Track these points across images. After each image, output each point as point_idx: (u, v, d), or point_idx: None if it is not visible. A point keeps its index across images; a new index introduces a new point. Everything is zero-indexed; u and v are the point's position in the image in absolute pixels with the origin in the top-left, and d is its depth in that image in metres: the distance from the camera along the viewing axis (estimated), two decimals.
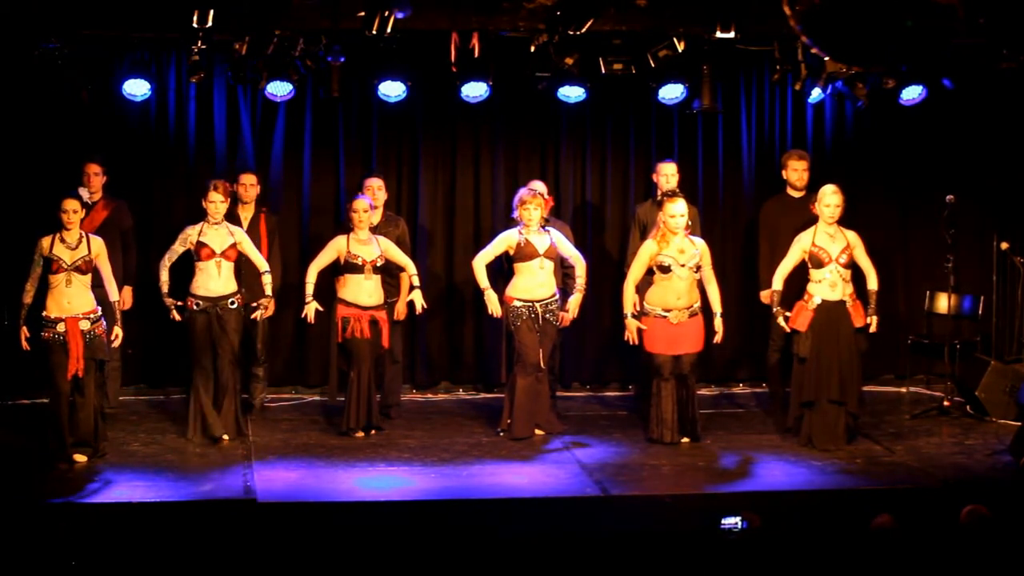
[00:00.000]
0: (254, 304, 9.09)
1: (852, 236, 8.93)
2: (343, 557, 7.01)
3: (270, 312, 9.39)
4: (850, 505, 7.71)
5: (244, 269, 9.19)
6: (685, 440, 8.98)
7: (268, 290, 9.07)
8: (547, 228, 9.14)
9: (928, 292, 10.79)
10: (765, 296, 9.83)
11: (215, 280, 8.85)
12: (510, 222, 9.26)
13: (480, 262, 9.17)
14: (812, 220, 9.66)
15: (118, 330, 8.53)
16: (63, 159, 9.81)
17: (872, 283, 8.96)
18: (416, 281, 9.19)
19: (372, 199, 9.53)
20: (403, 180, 10.70)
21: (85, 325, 8.30)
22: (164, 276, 8.88)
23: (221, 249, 8.86)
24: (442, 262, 10.73)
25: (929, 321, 10.76)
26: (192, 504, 7.52)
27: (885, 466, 8.48)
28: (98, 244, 8.48)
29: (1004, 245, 10.35)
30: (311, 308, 9.07)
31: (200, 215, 8.97)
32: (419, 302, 9.18)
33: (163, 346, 10.38)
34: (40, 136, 9.94)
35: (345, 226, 9.39)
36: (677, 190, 9.19)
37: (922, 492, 7.92)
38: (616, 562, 6.75)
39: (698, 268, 8.89)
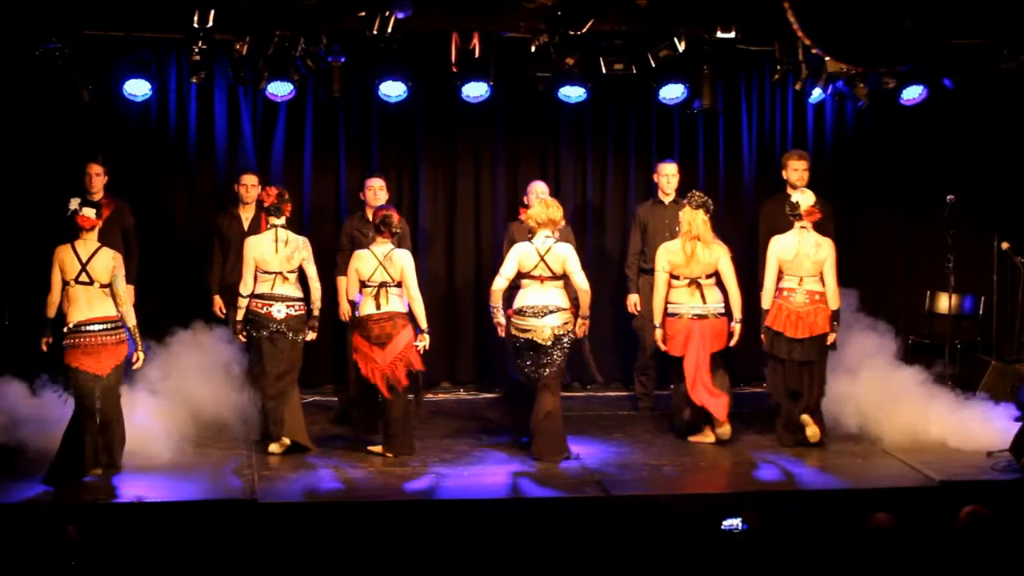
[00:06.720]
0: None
1: None
2: (343, 557, 7.02)
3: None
4: (850, 505, 7.71)
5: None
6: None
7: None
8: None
9: (928, 292, 10.79)
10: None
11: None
12: (510, 222, 9.21)
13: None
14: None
15: None
16: (64, 159, 9.81)
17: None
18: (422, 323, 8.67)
19: (374, 198, 9.54)
20: (404, 180, 10.70)
21: None
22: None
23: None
24: (443, 262, 10.73)
25: (929, 321, 10.76)
26: (192, 504, 7.52)
27: (885, 466, 8.47)
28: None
29: (1004, 245, 10.33)
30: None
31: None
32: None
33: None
34: (41, 136, 9.93)
35: (347, 225, 9.42)
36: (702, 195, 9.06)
37: (922, 492, 7.92)
38: (616, 562, 6.75)
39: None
